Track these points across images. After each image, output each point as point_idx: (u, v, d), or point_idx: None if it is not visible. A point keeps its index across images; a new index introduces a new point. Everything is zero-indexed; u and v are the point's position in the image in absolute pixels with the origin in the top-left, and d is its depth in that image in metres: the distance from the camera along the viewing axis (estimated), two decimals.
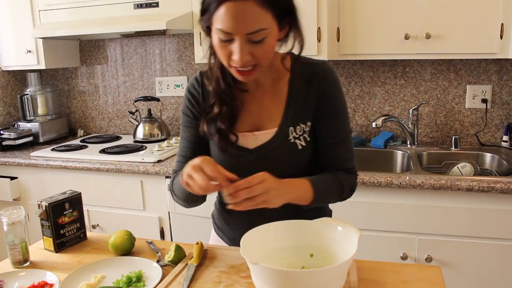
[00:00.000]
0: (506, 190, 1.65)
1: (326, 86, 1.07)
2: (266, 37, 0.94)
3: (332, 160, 1.11)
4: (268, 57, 1.00)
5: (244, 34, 0.92)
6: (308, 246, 0.99)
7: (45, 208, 1.21)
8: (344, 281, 0.89)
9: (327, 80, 1.08)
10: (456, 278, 1.79)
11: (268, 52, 0.98)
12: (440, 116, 2.31)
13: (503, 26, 1.87)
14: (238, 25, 0.91)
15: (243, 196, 0.92)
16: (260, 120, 1.11)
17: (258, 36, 0.93)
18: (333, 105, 1.09)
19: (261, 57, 0.96)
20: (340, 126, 1.11)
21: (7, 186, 2.39)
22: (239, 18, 0.90)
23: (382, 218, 1.83)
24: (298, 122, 1.08)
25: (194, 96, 1.15)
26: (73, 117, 3.02)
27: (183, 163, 1.13)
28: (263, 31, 0.92)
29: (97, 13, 2.36)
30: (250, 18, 0.90)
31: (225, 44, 0.95)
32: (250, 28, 0.91)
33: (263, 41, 0.94)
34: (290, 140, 1.08)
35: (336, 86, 1.09)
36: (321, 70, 1.08)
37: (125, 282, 1.02)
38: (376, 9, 2.01)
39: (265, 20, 0.92)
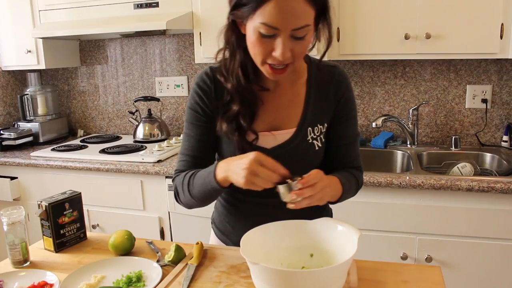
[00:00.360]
0: (506, 190, 1.65)
1: (344, 88, 1.11)
2: (307, 34, 0.94)
3: (345, 160, 1.15)
4: (303, 55, 0.99)
5: (290, 29, 0.91)
6: (308, 246, 0.99)
7: (45, 208, 1.21)
8: (344, 281, 0.89)
9: (345, 83, 1.12)
10: (456, 278, 1.79)
11: (305, 49, 0.98)
12: (440, 116, 2.31)
13: (503, 26, 1.87)
14: (286, 20, 0.90)
15: (307, 194, 0.91)
16: (278, 120, 1.10)
17: (302, 33, 0.92)
18: (350, 107, 1.13)
19: (299, 54, 0.96)
20: (353, 128, 1.15)
21: (7, 186, 2.39)
22: (288, 13, 0.89)
23: (382, 218, 1.83)
24: (316, 123, 1.10)
25: (205, 91, 1.10)
26: (73, 117, 3.02)
27: (190, 162, 1.11)
28: (307, 28, 0.93)
29: (97, 13, 2.36)
30: (298, 14, 0.90)
31: (266, 40, 0.93)
32: (297, 24, 0.91)
33: (304, 38, 0.94)
34: (308, 141, 1.09)
35: (351, 89, 1.14)
36: (338, 73, 1.11)
37: (125, 282, 1.02)
38: (376, 9, 2.01)
39: (310, 16, 0.93)
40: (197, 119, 1.11)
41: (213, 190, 1.02)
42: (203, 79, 1.11)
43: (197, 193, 1.07)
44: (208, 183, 1.01)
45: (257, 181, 0.91)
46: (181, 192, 1.11)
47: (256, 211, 1.16)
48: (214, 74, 1.10)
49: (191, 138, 1.12)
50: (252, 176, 0.91)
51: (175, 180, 1.14)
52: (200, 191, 1.05)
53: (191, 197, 1.09)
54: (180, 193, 1.12)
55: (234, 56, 1.04)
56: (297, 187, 0.92)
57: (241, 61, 1.04)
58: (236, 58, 1.04)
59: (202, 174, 1.04)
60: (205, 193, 1.05)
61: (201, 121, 1.11)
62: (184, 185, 1.09)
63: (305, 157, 1.10)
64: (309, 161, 1.11)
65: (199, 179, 1.05)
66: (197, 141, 1.12)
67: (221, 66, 1.08)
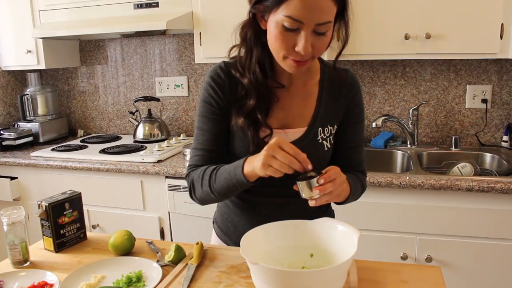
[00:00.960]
0: (506, 190, 1.65)
1: (355, 91, 1.14)
2: (328, 30, 0.96)
3: (351, 163, 1.16)
4: (323, 51, 1.00)
5: (313, 24, 0.92)
6: (308, 246, 0.99)
7: (45, 208, 1.21)
8: (344, 281, 0.89)
9: (356, 87, 1.14)
10: (456, 278, 1.79)
11: (325, 46, 0.99)
12: (440, 116, 2.31)
13: (503, 26, 1.87)
14: (311, 14, 0.91)
15: (329, 189, 0.92)
16: (290, 117, 1.11)
17: (324, 28, 0.94)
18: (359, 110, 1.16)
19: (320, 50, 0.97)
20: (361, 131, 1.17)
21: (7, 186, 2.39)
22: (313, 8, 0.91)
23: (382, 218, 1.83)
24: (327, 123, 1.11)
25: (219, 85, 1.09)
26: (73, 117, 3.02)
27: (205, 156, 1.10)
28: (329, 24, 0.94)
29: (97, 13, 2.36)
30: (323, 9, 0.92)
31: (289, 34, 0.94)
32: (321, 19, 0.92)
33: (325, 33, 0.95)
34: (318, 141, 1.10)
35: (361, 93, 1.16)
36: (350, 76, 1.14)
37: (125, 282, 1.02)
38: (376, 9, 2.01)
39: (332, 13, 0.94)
40: (211, 112, 1.10)
41: (238, 184, 1.00)
42: (218, 72, 1.10)
43: (219, 187, 1.04)
44: (233, 177, 1.00)
45: (274, 164, 0.90)
46: (199, 187, 1.09)
47: (260, 212, 1.16)
48: (229, 69, 1.10)
49: (205, 132, 1.11)
50: (270, 158, 0.90)
51: (190, 175, 1.11)
52: (224, 185, 1.03)
53: (211, 192, 1.06)
54: (197, 188, 1.09)
55: (251, 52, 1.05)
56: (318, 183, 0.91)
57: (259, 57, 1.04)
58: (253, 54, 1.05)
59: (227, 169, 1.03)
60: (228, 188, 1.03)
61: (215, 114, 1.10)
62: (204, 180, 1.07)
63: (313, 157, 1.07)
64: (317, 161, 1.08)
65: (223, 173, 1.03)
66: (212, 135, 1.10)
67: (235, 62, 1.09)
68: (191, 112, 2.72)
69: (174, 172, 2.07)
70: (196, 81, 2.68)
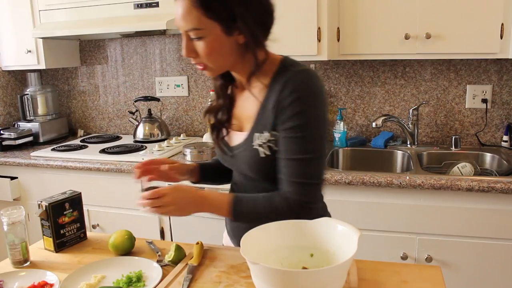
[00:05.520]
0: (506, 190, 1.65)
1: (284, 95, 0.99)
2: (205, 37, 0.99)
3: (282, 176, 1.04)
4: (212, 57, 1.02)
5: (183, 31, 1.00)
6: (308, 246, 0.99)
7: (45, 208, 1.21)
8: (344, 281, 0.89)
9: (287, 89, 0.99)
10: (456, 278, 1.79)
11: (209, 52, 1.01)
12: (440, 116, 2.31)
13: (503, 26, 1.87)
14: (178, 22, 1.00)
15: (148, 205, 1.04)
16: (241, 120, 1.14)
17: (195, 34, 0.99)
18: (287, 118, 1.00)
19: (203, 55, 1.01)
20: (296, 143, 1.00)
21: (7, 186, 2.39)
22: (178, 16, 0.99)
23: (382, 218, 1.83)
24: (263, 129, 1.05)
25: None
26: (73, 117, 3.02)
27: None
28: (199, 31, 0.98)
29: (97, 13, 2.36)
30: (184, 17, 0.98)
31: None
32: (185, 26, 0.99)
33: (201, 39, 0.99)
34: (253, 146, 1.06)
35: (302, 97, 0.98)
36: (288, 78, 1.00)
37: (125, 282, 1.02)
38: (376, 9, 2.01)
39: (197, 20, 0.97)
40: None
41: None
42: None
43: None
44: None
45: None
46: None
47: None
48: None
49: None
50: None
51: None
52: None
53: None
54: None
55: None
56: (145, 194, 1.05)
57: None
58: None
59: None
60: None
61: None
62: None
63: (250, 162, 1.08)
64: (255, 167, 1.08)
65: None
66: None
67: None
68: (191, 112, 2.72)
69: None
70: (196, 81, 2.68)
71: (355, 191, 1.83)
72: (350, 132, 2.45)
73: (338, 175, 1.82)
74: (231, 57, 1.03)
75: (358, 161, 2.30)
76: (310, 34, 2.04)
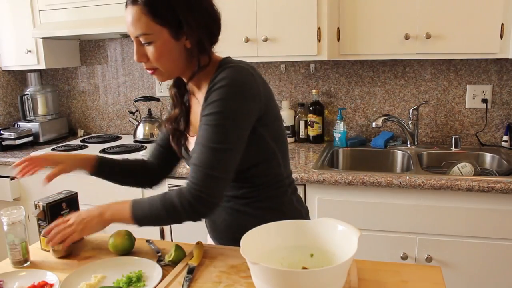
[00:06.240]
0: (506, 190, 1.65)
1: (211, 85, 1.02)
2: (154, 42, 1.02)
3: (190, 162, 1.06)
4: (163, 61, 1.05)
5: (133, 36, 1.04)
6: (308, 246, 0.99)
7: (43, 208, 1.21)
8: (344, 281, 0.89)
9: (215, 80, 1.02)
10: (456, 278, 1.79)
11: (159, 56, 1.04)
12: (440, 116, 2.31)
13: (503, 26, 1.87)
14: (129, 28, 1.04)
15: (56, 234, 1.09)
16: (195, 125, 1.16)
17: (144, 39, 1.03)
18: (209, 105, 1.01)
19: (153, 59, 1.05)
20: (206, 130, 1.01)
21: (7, 186, 2.39)
22: (128, 22, 1.03)
23: (382, 218, 1.83)
24: None
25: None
26: (73, 117, 3.02)
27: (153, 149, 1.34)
28: (148, 36, 1.02)
29: (97, 13, 2.35)
30: (134, 23, 1.02)
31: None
32: (134, 32, 1.03)
33: (151, 44, 1.03)
34: None
35: (222, 87, 1.00)
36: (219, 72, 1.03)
37: (125, 282, 1.02)
38: (376, 9, 2.01)
39: (147, 25, 1.01)
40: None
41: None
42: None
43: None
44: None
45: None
46: None
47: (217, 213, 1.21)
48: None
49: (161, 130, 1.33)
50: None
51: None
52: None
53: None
54: None
55: None
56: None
57: None
58: None
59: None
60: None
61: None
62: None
63: None
64: None
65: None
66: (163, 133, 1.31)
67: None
68: None
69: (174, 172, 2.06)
70: None
71: (355, 191, 1.83)
72: (350, 132, 2.45)
73: (338, 175, 1.82)
74: (179, 61, 1.07)
75: (358, 161, 2.30)
76: (310, 34, 2.04)
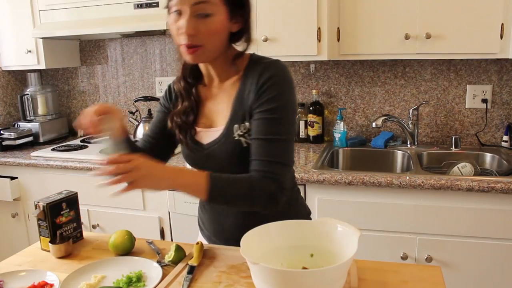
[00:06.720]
0: (506, 190, 1.65)
1: (263, 81, 1.04)
2: (212, 15, 1.00)
3: (255, 158, 1.04)
4: (213, 38, 1.02)
5: (190, 5, 0.99)
6: (308, 246, 0.99)
7: (43, 208, 1.21)
8: (344, 281, 0.89)
9: (265, 76, 1.04)
10: (456, 278, 1.79)
11: (212, 32, 1.01)
12: (440, 116, 2.31)
13: (503, 26, 1.87)
14: None
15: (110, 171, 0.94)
16: (214, 116, 1.15)
17: (203, 9, 0.99)
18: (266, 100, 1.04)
19: (206, 34, 1.01)
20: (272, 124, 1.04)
21: (7, 186, 2.39)
22: None
23: (382, 218, 1.83)
24: (243, 120, 1.08)
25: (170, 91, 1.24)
26: (73, 117, 3.02)
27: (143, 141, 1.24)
28: (208, 5, 0.99)
29: (97, 13, 2.35)
30: None
31: (177, 19, 1.02)
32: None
33: (208, 17, 1.00)
34: (234, 138, 1.08)
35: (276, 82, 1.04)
36: (263, 67, 1.06)
37: (125, 282, 1.02)
38: (376, 9, 2.01)
39: None
40: (159, 109, 1.25)
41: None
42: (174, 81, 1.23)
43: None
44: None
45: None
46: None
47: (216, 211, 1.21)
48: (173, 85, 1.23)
49: (152, 123, 1.26)
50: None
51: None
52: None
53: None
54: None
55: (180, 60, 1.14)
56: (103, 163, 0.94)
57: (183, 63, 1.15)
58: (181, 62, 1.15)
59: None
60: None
61: (161, 110, 1.24)
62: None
63: (233, 154, 1.09)
64: (237, 159, 1.09)
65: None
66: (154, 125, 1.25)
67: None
68: None
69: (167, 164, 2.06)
70: None
71: (355, 191, 1.83)
72: (350, 132, 2.45)
73: (338, 175, 1.82)
74: (223, 44, 1.06)
75: (358, 161, 2.30)
76: (310, 34, 2.04)
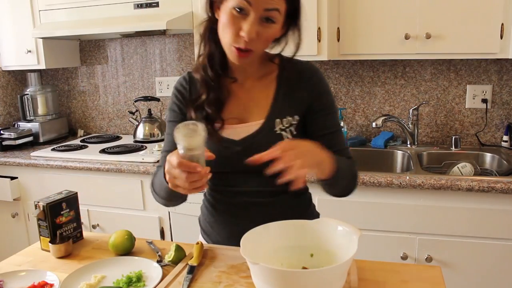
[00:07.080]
0: (506, 190, 1.65)
1: (316, 81, 1.14)
2: (275, 22, 1.00)
3: (334, 148, 1.10)
4: (266, 45, 1.04)
5: (262, 8, 0.97)
6: (308, 246, 0.99)
7: (43, 208, 1.21)
8: (344, 281, 0.89)
9: (315, 77, 1.14)
10: (456, 278, 1.79)
11: (269, 38, 1.03)
12: (440, 116, 2.31)
13: (503, 26, 1.87)
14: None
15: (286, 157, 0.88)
16: (247, 112, 1.13)
17: (272, 15, 0.98)
18: (326, 99, 1.15)
19: (264, 40, 1.01)
20: (332, 118, 1.16)
21: (7, 186, 2.39)
22: None
23: (382, 218, 1.83)
24: (285, 114, 1.11)
25: (181, 92, 1.16)
26: (73, 117, 3.02)
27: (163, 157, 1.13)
28: (276, 13, 0.98)
29: (97, 13, 2.36)
30: None
31: (238, 18, 0.98)
32: (269, 4, 0.96)
33: (272, 24, 0.99)
34: (276, 131, 1.10)
35: (324, 82, 1.16)
36: (307, 68, 1.15)
37: (125, 282, 1.02)
38: (376, 9, 2.01)
39: (281, 4, 0.99)
40: (175, 116, 1.16)
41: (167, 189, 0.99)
42: (180, 81, 1.18)
43: (158, 191, 1.12)
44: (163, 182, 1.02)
45: (179, 183, 0.91)
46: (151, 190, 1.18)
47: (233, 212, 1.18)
48: (191, 75, 1.16)
49: (168, 135, 1.16)
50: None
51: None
52: (161, 189, 1.09)
53: (158, 196, 1.14)
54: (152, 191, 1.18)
55: (205, 48, 1.10)
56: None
57: (209, 52, 1.10)
58: (206, 50, 1.10)
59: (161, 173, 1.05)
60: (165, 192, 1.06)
61: (178, 118, 1.15)
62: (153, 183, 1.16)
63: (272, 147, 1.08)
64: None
65: (159, 177, 1.09)
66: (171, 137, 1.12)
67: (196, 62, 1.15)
68: None
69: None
70: None
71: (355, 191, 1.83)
72: (350, 132, 2.45)
73: None
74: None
75: (358, 161, 2.28)
76: (310, 34, 2.04)
